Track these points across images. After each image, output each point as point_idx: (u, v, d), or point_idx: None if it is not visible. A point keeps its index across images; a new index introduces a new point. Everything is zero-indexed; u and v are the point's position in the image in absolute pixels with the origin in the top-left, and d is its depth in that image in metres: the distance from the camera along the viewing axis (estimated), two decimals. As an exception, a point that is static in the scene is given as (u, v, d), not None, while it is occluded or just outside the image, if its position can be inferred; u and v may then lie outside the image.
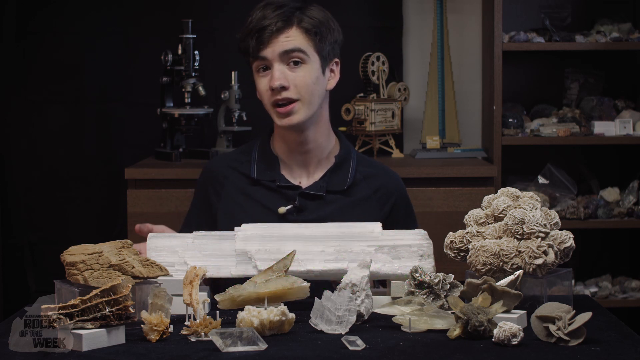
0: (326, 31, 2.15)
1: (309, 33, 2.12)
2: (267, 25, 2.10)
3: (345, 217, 2.12)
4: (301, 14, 2.13)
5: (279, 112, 2.12)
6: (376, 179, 2.23)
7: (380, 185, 2.23)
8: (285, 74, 2.10)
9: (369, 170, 2.24)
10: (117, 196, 3.56)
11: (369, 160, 2.29)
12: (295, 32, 2.11)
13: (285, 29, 2.10)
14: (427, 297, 1.72)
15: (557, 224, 1.75)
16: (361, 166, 2.23)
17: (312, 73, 2.12)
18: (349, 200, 2.19)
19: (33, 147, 3.68)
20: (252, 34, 2.11)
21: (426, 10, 3.69)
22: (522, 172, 3.63)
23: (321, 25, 2.14)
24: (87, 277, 1.66)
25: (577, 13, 3.70)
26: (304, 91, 2.11)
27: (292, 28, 2.11)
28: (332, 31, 2.16)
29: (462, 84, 3.71)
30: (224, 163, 2.25)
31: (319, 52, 2.14)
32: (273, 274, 1.72)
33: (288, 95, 2.10)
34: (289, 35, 2.11)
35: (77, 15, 3.64)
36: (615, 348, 1.54)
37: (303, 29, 2.12)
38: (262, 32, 2.10)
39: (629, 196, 3.50)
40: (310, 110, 2.13)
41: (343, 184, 2.19)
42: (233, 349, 1.52)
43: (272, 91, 2.11)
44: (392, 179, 2.26)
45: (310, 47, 2.12)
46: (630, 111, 3.57)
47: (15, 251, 3.71)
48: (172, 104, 3.47)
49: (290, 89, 2.10)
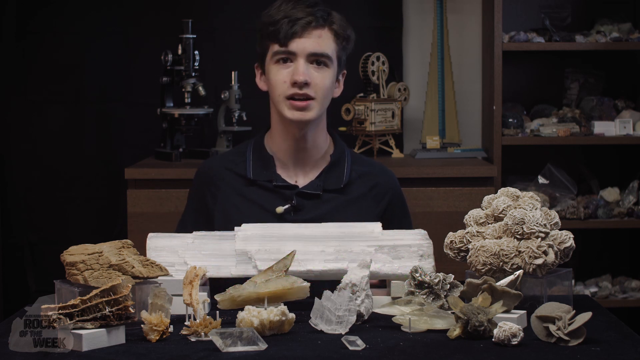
0: (349, 40, 2.20)
1: (337, 37, 2.16)
2: (302, 17, 2.11)
3: (342, 215, 2.12)
4: (332, 17, 2.17)
5: (293, 105, 2.13)
6: (371, 177, 2.25)
7: (376, 183, 2.24)
8: (309, 70, 2.12)
9: (364, 169, 2.25)
10: (117, 196, 3.56)
11: (363, 159, 2.31)
12: (327, 33, 2.14)
13: (319, 27, 2.13)
14: (427, 297, 1.72)
15: (557, 224, 1.75)
16: (356, 165, 2.25)
17: (331, 77, 2.16)
18: (345, 198, 2.19)
19: (33, 147, 3.67)
20: (287, 21, 2.12)
21: (426, 10, 3.69)
22: (522, 172, 3.63)
23: (347, 32, 2.19)
24: (87, 277, 1.66)
25: (577, 13, 3.69)
26: (321, 92, 2.14)
27: (325, 28, 2.14)
28: (351, 42, 2.22)
29: (462, 84, 3.71)
30: (219, 164, 2.25)
31: (339, 58, 2.18)
32: (273, 274, 1.72)
33: (307, 92, 2.12)
34: (321, 35, 2.13)
35: (77, 15, 3.64)
36: (615, 348, 1.54)
37: (333, 32, 2.15)
38: (297, 22, 2.11)
39: (629, 196, 3.50)
40: (320, 111, 2.16)
41: (339, 182, 2.20)
42: (233, 349, 1.52)
43: (292, 84, 2.12)
44: (387, 177, 2.28)
45: (334, 52, 2.16)
46: (630, 111, 3.57)
47: (15, 251, 3.70)
48: (172, 104, 3.47)
49: (311, 87, 2.12)
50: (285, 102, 2.14)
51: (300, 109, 2.13)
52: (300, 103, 2.12)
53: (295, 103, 2.13)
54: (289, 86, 2.13)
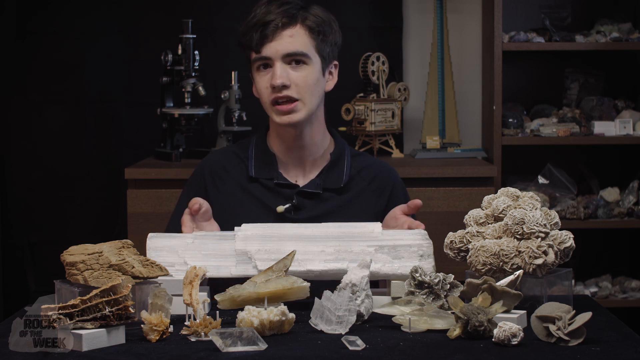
0: (328, 31, 2.16)
1: (312, 32, 2.13)
2: (272, 20, 2.10)
3: (343, 213, 2.13)
4: (305, 12, 2.14)
5: (279, 110, 2.12)
6: (370, 170, 2.25)
7: (375, 176, 2.24)
8: (287, 72, 2.11)
9: (362, 164, 2.25)
10: (117, 196, 3.56)
11: (362, 155, 2.31)
12: (299, 30, 2.12)
13: (289, 26, 2.11)
14: (427, 297, 1.72)
15: (557, 224, 1.75)
16: (355, 161, 2.25)
17: (313, 74, 2.13)
18: (345, 197, 2.20)
19: (33, 147, 3.67)
20: (256, 27, 2.11)
21: (426, 10, 3.69)
22: (522, 172, 3.63)
23: (324, 24, 2.15)
24: (87, 277, 1.66)
25: (577, 13, 3.69)
26: (304, 91, 2.12)
27: (296, 26, 2.12)
28: (333, 32, 2.18)
29: (462, 84, 3.71)
30: (225, 157, 2.26)
31: (320, 53, 2.15)
32: (273, 274, 1.72)
33: (289, 94, 2.11)
34: (293, 33, 2.11)
35: (77, 15, 3.64)
36: (615, 348, 1.54)
37: (307, 27, 2.13)
38: (266, 26, 2.10)
39: (629, 196, 3.50)
40: (309, 110, 2.14)
41: (339, 181, 2.20)
42: (233, 349, 1.52)
43: (272, 89, 2.11)
44: (385, 169, 2.28)
45: (312, 47, 2.13)
46: (630, 111, 3.57)
47: (15, 251, 3.71)
48: (172, 104, 3.47)
49: (291, 88, 2.11)
50: (272, 107, 2.14)
51: (286, 113, 2.12)
52: (284, 107, 2.12)
53: (280, 108, 2.12)
54: (270, 91, 2.12)
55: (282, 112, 2.12)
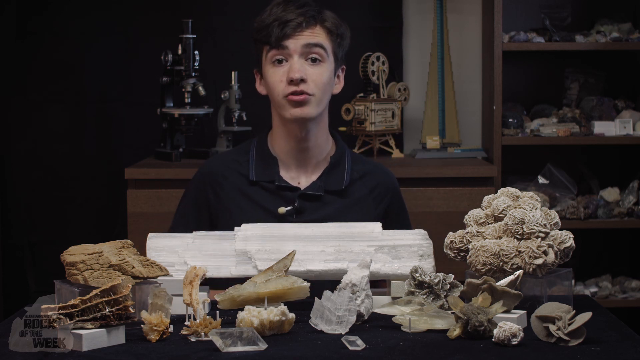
0: (344, 35, 2.21)
1: (331, 34, 2.17)
2: (292, 19, 2.13)
3: (343, 217, 2.12)
4: (323, 15, 2.18)
5: (293, 101, 2.13)
6: (372, 177, 2.25)
7: (377, 184, 2.25)
8: (304, 67, 2.12)
9: (365, 169, 2.26)
10: (117, 196, 3.56)
11: (364, 159, 2.32)
12: (319, 30, 2.16)
13: (310, 25, 2.15)
14: (427, 297, 1.72)
15: (557, 224, 1.75)
16: (357, 165, 2.25)
17: (328, 73, 2.17)
18: (346, 200, 2.20)
19: (33, 147, 3.67)
20: (277, 24, 2.13)
21: (426, 10, 3.69)
22: (522, 172, 3.63)
23: (341, 28, 2.20)
24: (87, 277, 1.66)
25: (577, 13, 3.69)
26: (318, 88, 2.14)
27: (316, 26, 2.16)
28: (346, 37, 2.23)
29: (462, 84, 3.71)
30: (223, 163, 2.25)
31: (335, 54, 2.18)
32: (273, 274, 1.72)
33: (304, 89, 2.13)
34: (314, 31, 2.15)
35: (77, 15, 3.64)
36: (615, 348, 1.54)
37: (326, 29, 2.17)
38: (287, 24, 2.12)
39: (629, 196, 3.50)
40: (319, 108, 2.16)
41: (340, 184, 2.20)
42: (233, 349, 1.52)
43: (288, 83, 2.12)
44: (387, 177, 2.29)
45: (329, 47, 2.16)
46: (630, 111, 3.57)
47: (15, 251, 3.70)
48: (172, 104, 3.47)
49: (307, 83, 2.13)
50: (285, 100, 2.14)
51: (299, 104, 2.13)
52: (298, 97, 2.12)
53: (294, 98, 2.13)
54: (285, 85, 2.13)
55: (295, 104, 2.13)
